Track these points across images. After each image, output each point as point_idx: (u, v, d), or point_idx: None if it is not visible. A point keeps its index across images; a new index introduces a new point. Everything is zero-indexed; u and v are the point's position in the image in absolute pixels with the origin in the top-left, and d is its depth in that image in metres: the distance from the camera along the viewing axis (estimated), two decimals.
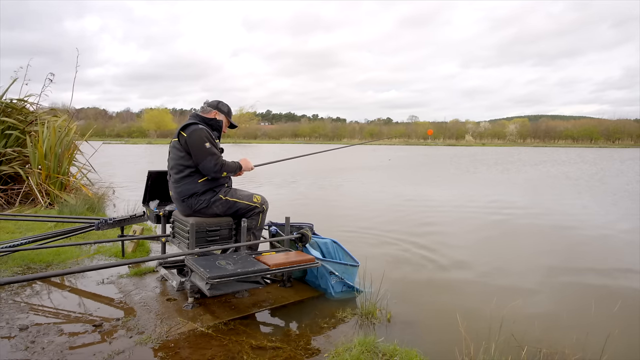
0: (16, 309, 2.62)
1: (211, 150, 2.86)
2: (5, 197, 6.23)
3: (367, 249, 4.45)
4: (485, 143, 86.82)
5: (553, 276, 3.76)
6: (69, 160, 7.01)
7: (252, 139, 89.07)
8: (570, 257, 4.42)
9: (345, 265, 3.08)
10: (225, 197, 2.94)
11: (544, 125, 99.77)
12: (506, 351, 2.14)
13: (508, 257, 4.39)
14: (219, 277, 2.35)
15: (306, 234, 3.11)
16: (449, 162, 23.43)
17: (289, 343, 2.31)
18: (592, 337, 2.43)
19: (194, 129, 2.87)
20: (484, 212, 7.03)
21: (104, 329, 2.37)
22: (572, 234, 5.51)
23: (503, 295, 3.18)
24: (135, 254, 3.86)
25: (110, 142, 57.32)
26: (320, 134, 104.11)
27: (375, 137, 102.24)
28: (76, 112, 9.15)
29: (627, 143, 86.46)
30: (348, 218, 6.41)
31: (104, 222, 3.47)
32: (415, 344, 2.26)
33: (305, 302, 2.91)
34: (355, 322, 2.61)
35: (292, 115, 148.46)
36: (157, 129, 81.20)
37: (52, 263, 3.54)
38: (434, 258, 4.24)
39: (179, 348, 2.20)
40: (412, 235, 5.20)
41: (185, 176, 2.88)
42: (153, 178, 3.42)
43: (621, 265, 4.09)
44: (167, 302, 2.79)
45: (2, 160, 6.53)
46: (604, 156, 34.26)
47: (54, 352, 2.11)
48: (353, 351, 2.13)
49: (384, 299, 2.82)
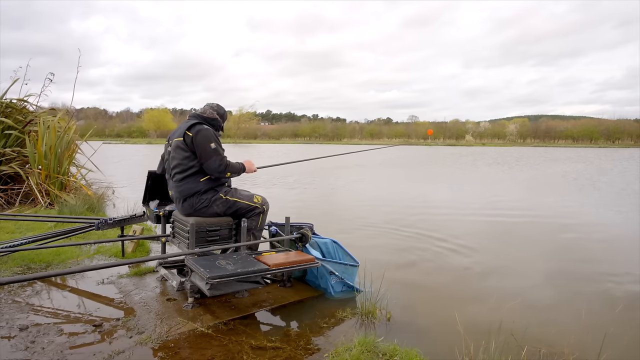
0: (16, 309, 2.62)
1: (217, 150, 2.87)
2: (5, 197, 6.23)
3: (367, 248, 4.44)
4: (485, 143, 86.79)
5: (553, 276, 3.76)
6: (69, 160, 7.01)
7: (252, 138, 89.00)
8: (570, 257, 4.43)
9: (345, 265, 3.08)
10: (225, 196, 2.94)
11: (544, 125, 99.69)
12: (506, 351, 2.14)
13: (508, 257, 4.39)
14: (219, 277, 2.35)
15: (306, 234, 3.11)
16: (449, 161, 23.44)
17: (289, 343, 2.31)
18: (592, 337, 2.43)
19: (200, 129, 2.88)
20: (484, 211, 7.03)
21: (104, 329, 2.37)
22: (572, 233, 5.51)
23: (503, 295, 3.19)
24: (135, 254, 3.86)
25: (110, 142, 57.33)
26: (320, 134, 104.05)
27: (375, 137, 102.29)
28: (76, 112, 9.15)
29: (627, 143, 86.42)
30: (348, 217, 6.41)
31: (104, 222, 3.47)
32: (415, 344, 2.26)
33: (305, 302, 2.92)
34: (355, 322, 2.61)
35: (292, 115, 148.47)
36: (157, 129, 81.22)
37: (52, 263, 3.54)
38: (434, 258, 4.25)
39: (179, 348, 2.20)
40: (412, 235, 5.20)
41: (188, 175, 2.88)
42: (153, 178, 3.42)
43: (622, 266, 4.09)
44: (167, 302, 2.79)
45: (2, 160, 6.53)
46: (601, 155, 34.27)
47: (54, 352, 2.11)
48: (353, 351, 2.13)
49: (384, 299, 2.82)
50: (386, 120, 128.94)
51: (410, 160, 25.00)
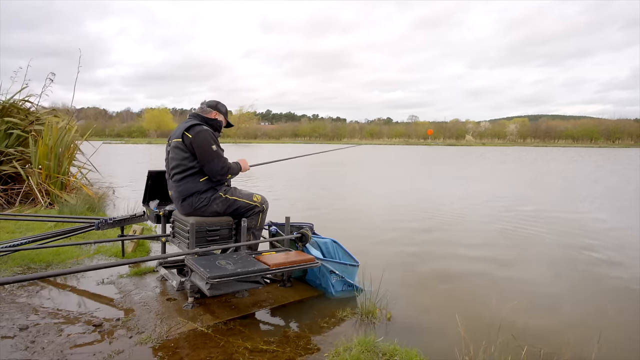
0: (16, 309, 2.62)
1: (218, 152, 2.86)
2: (5, 197, 6.23)
3: (367, 248, 4.44)
4: (485, 143, 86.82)
5: (553, 276, 3.76)
6: (69, 160, 7.01)
7: (252, 138, 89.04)
8: (570, 256, 4.42)
9: (345, 265, 3.08)
10: (225, 195, 2.94)
11: (544, 125, 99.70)
12: (506, 351, 2.14)
13: (508, 256, 4.39)
14: (219, 277, 2.35)
15: (306, 233, 3.11)
16: (449, 160, 23.44)
17: (288, 343, 2.31)
18: (592, 338, 2.43)
19: (200, 130, 2.86)
20: (484, 211, 7.03)
21: (104, 329, 2.37)
22: (572, 233, 5.50)
23: (503, 295, 3.18)
24: (135, 253, 3.86)
25: (111, 142, 57.34)
26: (320, 134, 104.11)
27: (375, 136, 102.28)
28: (76, 111, 9.16)
29: (627, 143, 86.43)
30: (348, 217, 6.41)
31: (104, 222, 3.47)
32: (415, 344, 2.26)
33: (305, 301, 2.91)
34: (355, 322, 2.61)
35: (292, 115, 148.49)
36: (158, 129, 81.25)
37: (52, 263, 3.54)
38: (434, 257, 4.25)
39: (179, 348, 2.20)
40: (412, 235, 5.20)
41: (188, 176, 2.88)
42: (153, 178, 3.42)
43: (623, 266, 4.09)
44: (167, 302, 2.79)
45: (3, 160, 6.53)
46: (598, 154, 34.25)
47: (54, 352, 2.11)
48: (353, 351, 2.13)
49: (384, 299, 2.82)
50: (386, 120, 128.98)
51: (411, 159, 24.99)
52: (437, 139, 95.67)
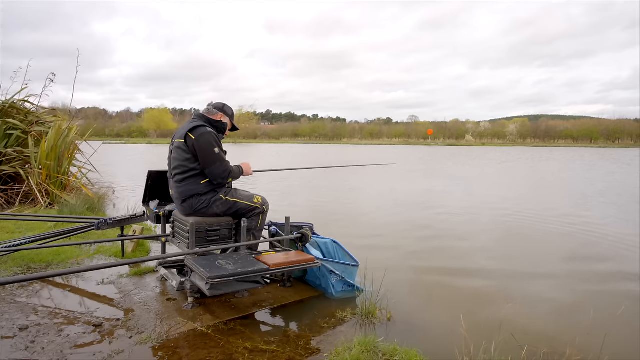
0: (16, 309, 2.62)
1: (220, 156, 2.85)
2: (5, 197, 6.23)
3: (367, 248, 4.44)
4: (485, 143, 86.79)
5: (553, 276, 3.76)
6: (69, 160, 7.01)
7: (252, 138, 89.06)
8: (571, 257, 4.42)
9: (345, 265, 3.08)
10: (225, 197, 2.94)
11: (544, 125, 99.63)
12: (506, 351, 2.15)
13: (508, 257, 4.39)
14: (219, 277, 2.35)
15: (306, 233, 3.11)
16: (449, 159, 23.45)
17: (289, 343, 2.31)
18: (593, 338, 2.43)
19: (203, 132, 2.85)
20: (484, 211, 7.03)
21: (104, 329, 2.37)
22: (573, 233, 5.50)
23: (503, 295, 3.19)
24: (135, 254, 3.86)
25: (110, 142, 57.33)
26: (320, 134, 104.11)
27: (374, 137, 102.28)
28: (76, 112, 9.16)
29: (627, 143, 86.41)
30: (348, 217, 6.41)
31: (104, 222, 3.47)
32: (415, 344, 2.26)
33: (305, 302, 2.91)
34: (355, 322, 2.61)
35: (292, 115, 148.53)
36: (157, 129, 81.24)
37: (52, 263, 3.54)
38: (434, 258, 4.25)
39: (179, 348, 2.20)
40: (412, 235, 5.20)
41: (189, 177, 2.87)
42: (153, 178, 3.42)
43: (624, 267, 4.09)
44: (167, 302, 2.79)
45: (3, 160, 6.53)
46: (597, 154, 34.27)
47: (54, 352, 2.11)
48: (353, 351, 2.13)
49: (384, 299, 2.82)
50: (386, 120, 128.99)
51: (411, 158, 25.01)
52: (437, 139, 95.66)
